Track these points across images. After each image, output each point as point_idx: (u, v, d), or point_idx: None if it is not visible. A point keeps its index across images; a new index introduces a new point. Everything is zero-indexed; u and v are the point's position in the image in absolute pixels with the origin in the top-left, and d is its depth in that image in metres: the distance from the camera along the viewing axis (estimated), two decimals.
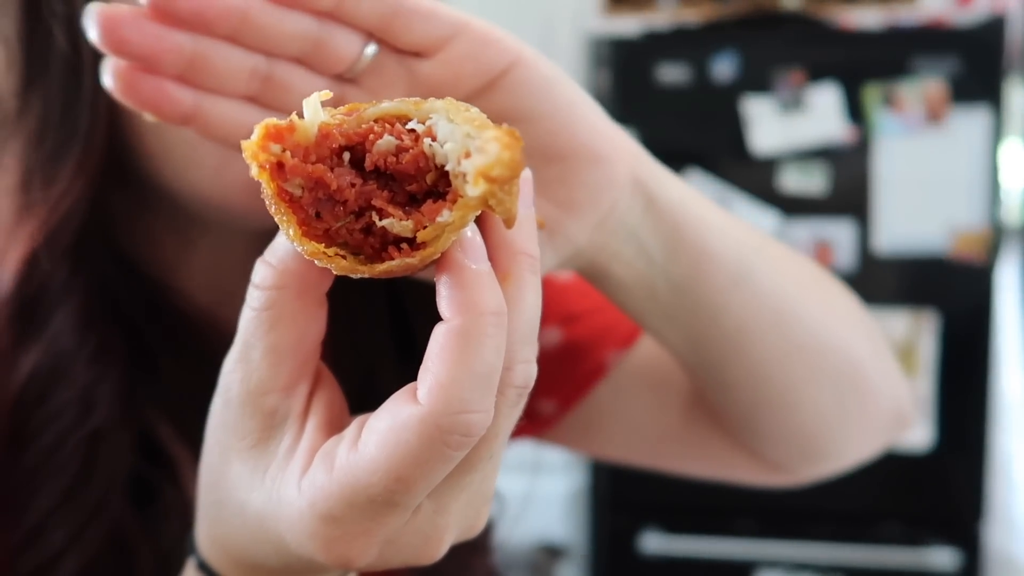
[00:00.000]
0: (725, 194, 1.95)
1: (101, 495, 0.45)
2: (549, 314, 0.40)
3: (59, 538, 0.43)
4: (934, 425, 1.93)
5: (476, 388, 0.30)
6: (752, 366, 0.50)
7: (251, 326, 0.34)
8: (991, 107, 1.87)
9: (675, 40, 2.00)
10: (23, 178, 0.42)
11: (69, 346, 0.44)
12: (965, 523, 1.96)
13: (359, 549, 0.33)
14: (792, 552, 1.98)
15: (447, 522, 0.35)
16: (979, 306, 1.91)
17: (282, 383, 0.34)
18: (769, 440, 0.56)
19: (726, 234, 0.47)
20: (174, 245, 0.51)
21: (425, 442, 0.30)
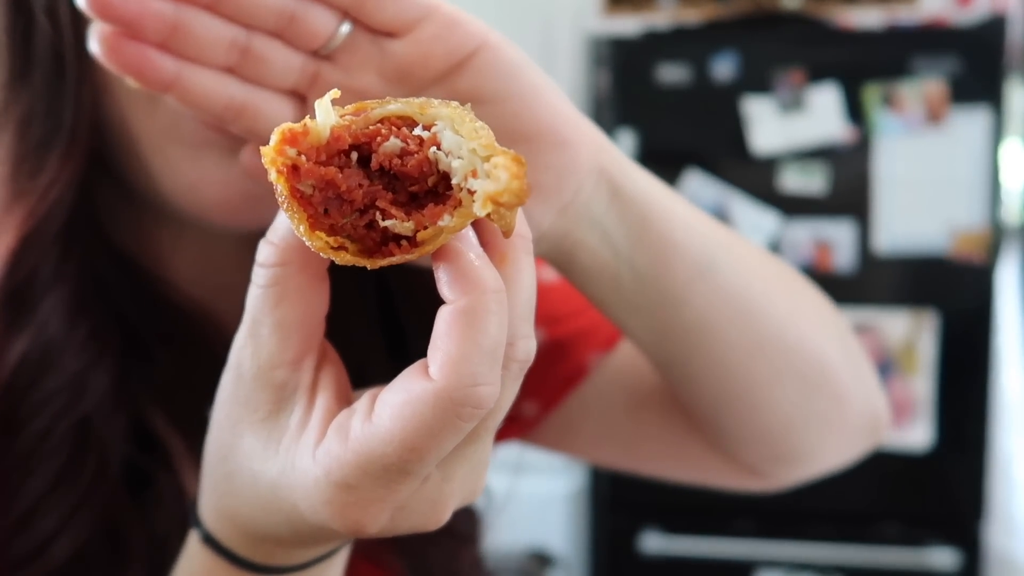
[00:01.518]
0: (725, 194, 1.95)
1: (92, 481, 0.45)
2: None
3: (50, 523, 0.44)
4: (934, 425, 1.93)
5: (484, 362, 0.32)
6: (715, 361, 0.50)
7: (258, 303, 0.35)
8: (991, 107, 1.87)
9: (675, 40, 2.00)
10: (11, 168, 0.42)
11: (59, 332, 0.44)
12: (965, 523, 1.96)
13: (372, 515, 0.34)
14: (792, 552, 1.98)
15: (452, 489, 0.37)
16: (979, 306, 1.91)
17: (290, 357, 0.36)
18: (737, 440, 0.56)
19: (691, 227, 0.48)
20: (163, 238, 0.51)
21: (439, 414, 0.32)
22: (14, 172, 0.43)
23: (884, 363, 1.93)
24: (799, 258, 1.94)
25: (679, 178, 1.96)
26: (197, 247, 0.52)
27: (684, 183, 1.96)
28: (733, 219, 1.95)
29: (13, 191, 0.42)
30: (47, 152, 0.42)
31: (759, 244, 0.52)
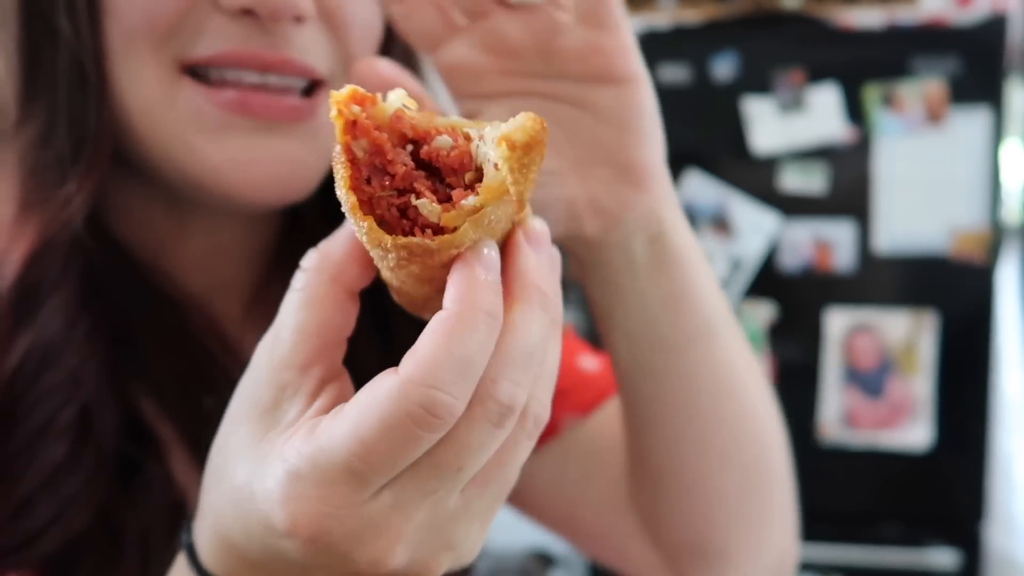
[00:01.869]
0: (725, 194, 1.95)
1: (90, 471, 0.45)
2: None
3: (45, 513, 0.43)
4: (934, 425, 1.93)
5: (452, 370, 0.31)
6: (681, 418, 0.52)
7: (287, 305, 0.36)
8: (991, 107, 1.87)
9: (675, 40, 1.99)
10: (31, 178, 0.42)
11: (60, 330, 0.44)
12: (965, 523, 1.96)
13: (309, 515, 0.33)
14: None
15: (401, 528, 0.34)
16: (979, 306, 1.91)
17: (300, 361, 0.35)
18: (669, 515, 0.56)
19: (708, 294, 0.50)
20: (168, 229, 0.51)
21: (392, 408, 0.31)
22: (35, 182, 0.42)
23: (884, 363, 1.94)
24: (799, 258, 1.94)
25: (679, 178, 1.96)
26: (202, 237, 0.51)
27: (684, 183, 1.96)
28: (733, 219, 1.95)
29: (33, 199, 0.42)
30: (73, 163, 0.42)
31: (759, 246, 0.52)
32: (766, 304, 1.96)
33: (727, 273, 1.96)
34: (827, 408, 1.96)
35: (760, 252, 1.95)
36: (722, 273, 1.96)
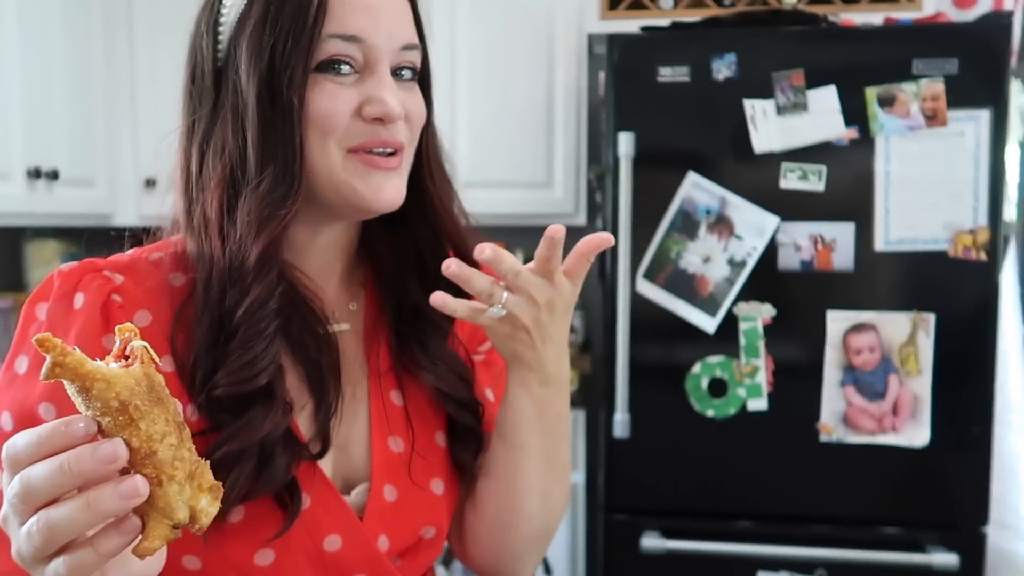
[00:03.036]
0: (725, 194, 1.95)
1: (272, 355, 0.72)
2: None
3: (264, 363, 0.71)
4: (934, 425, 1.93)
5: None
6: (522, 479, 0.83)
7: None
8: (991, 107, 1.87)
9: (675, 40, 2.00)
10: (262, 208, 0.71)
11: (271, 287, 0.72)
12: (966, 524, 1.96)
13: None
14: (793, 554, 1.98)
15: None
16: (979, 306, 1.91)
17: None
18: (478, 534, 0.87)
19: (564, 435, 0.83)
20: (305, 236, 0.78)
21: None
22: (267, 210, 0.71)
23: (884, 363, 1.94)
24: (799, 258, 1.94)
25: (679, 178, 1.96)
26: (324, 238, 0.80)
27: (684, 183, 1.96)
28: (733, 219, 1.95)
29: (265, 217, 0.71)
30: (285, 200, 0.71)
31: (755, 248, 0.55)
32: (766, 304, 1.96)
33: (727, 273, 1.96)
34: (827, 408, 1.96)
35: (760, 252, 1.95)
36: (722, 273, 1.96)
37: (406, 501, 0.78)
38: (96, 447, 0.47)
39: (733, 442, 1.99)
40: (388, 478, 0.78)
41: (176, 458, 0.50)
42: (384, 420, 0.80)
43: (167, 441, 0.49)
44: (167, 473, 0.49)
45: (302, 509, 0.72)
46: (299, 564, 0.73)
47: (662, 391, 2.01)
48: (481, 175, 2.57)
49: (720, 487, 2.02)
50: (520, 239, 2.83)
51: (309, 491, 0.73)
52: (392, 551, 0.77)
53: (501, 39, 2.56)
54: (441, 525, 0.81)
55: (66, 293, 0.71)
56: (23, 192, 2.13)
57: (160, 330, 0.72)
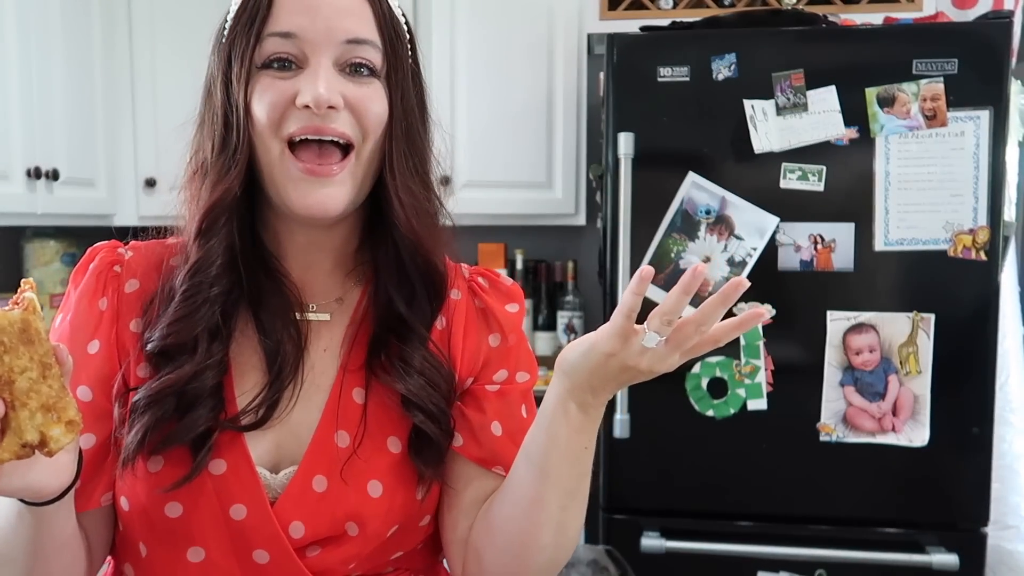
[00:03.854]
0: (725, 194, 1.95)
1: (211, 316, 0.80)
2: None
3: (199, 328, 0.80)
4: (933, 425, 1.93)
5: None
6: (537, 514, 0.80)
7: None
8: (991, 107, 1.87)
9: (675, 40, 1.99)
10: (214, 180, 0.79)
11: (217, 251, 0.80)
12: (966, 524, 1.96)
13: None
14: (792, 554, 1.98)
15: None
16: (979, 306, 1.91)
17: None
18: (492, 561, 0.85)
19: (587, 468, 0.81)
20: (283, 230, 0.84)
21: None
22: (215, 179, 0.79)
23: (884, 363, 1.94)
24: (799, 258, 1.94)
25: (679, 178, 1.96)
26: (301, 237, 0.84)
27: (684, 183, 1.96)
28: (733, 219, 1.95)
29: (214, 181, 0.79)
30: (228, 173, 0.79)
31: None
32: (766, 304, 1.96)
33: (727, 273, 1.96)
34: (827, 408, 1.96)
35: (760, 252, 1.95)
36: (722, 273, 1.96)
37: (334, 494, 0.79)
38: None
39: (733, 442, 1.99)
40: (321, 468, 0.80)
41: (32, 389, 0.61)
42: (336, 414, 0.81)
43: (27, 375, 0.61)
44: (20, 400, 0.61)
45: (216, 474, 0.77)
46: (204, 524, 0.77)
47: (662, 391, 2.01)
48: (481, 175, 2.57)
49: (720, 487, 2.02)
50: (520, 239, 2.83)
51: (226, 458, 0.78)
52: (307, 538, 0.78)
53: (501, 39, 2.56)
54: (368, 524, 0.80)
55: (86, 262, 0.85)
56: (23, 192, 2.13)
57: (139, 297, 0.82)
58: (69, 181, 2.29)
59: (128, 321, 0.82)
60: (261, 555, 0.78)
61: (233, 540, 0.78)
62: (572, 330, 2.73)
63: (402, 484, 0.82)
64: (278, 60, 0.77)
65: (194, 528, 0.78)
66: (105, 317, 0.82)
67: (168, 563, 0.79)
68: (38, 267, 2.51)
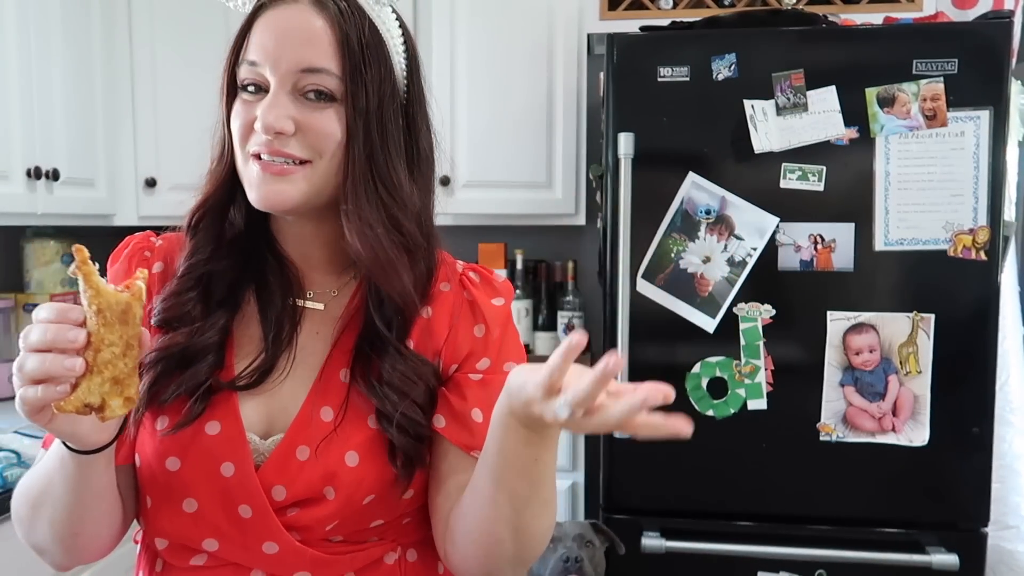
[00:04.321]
0: (725, 194, 1.95)
1: (202, 300, 0.91)
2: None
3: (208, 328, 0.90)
4: (933, 425, 1.93)
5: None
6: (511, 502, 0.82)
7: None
8: (991, 107, 1.87)
9: (675, 40, 2.00)
10: (205, 183, 0.92)
11: (204, 241, 0.92)
12: (966, 524, 1.96)
13: None
14: (792, 554, 1.98)
15: None
16: (979, 306, 1.91)
17: None
18: (465, 544, 0.88)
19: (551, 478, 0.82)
20: (280, 222, 0.94)
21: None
22: (208, 180, 0.91)
23: (884, 363, 1.94)
24: (799, 258, 1.94)
25: (679, 178, 1.96)
26: (294, 228, 0.94)
27: (684, 183, 1.96)
28: (733, 219, 1.95)
29: (204, 185, 0.91)
30: (214, 182, 0.91)
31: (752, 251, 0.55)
32: (766, 304, 1.96)
33: (727, 273, 1.96)
34: (827, 408, 1.96)
35: (760, 252, 1.95)
36: (722, 273, 1.96)
37: (314, 463, 0.86)
38: (69, 329, 0.70)
39: (733, 442, 1.99)
40: (304, 439, 0.87)
41: (110, 362, 0.70)
42: (323, 390, 0.89)
43: (111, 349, 0.70)
44: (98, 367, 0.70)
45: (211, 434, 0.86)
46: (198, 478, 0.86)
47: None
48: (481, 175, 2.57)
49: (720, 487, 2.02)
50: (520, 239, 2.83)
51: (221, 420, 0.87)
52: (288, 500, 0.86)
53: (501, 39, 2.56)
54: (342, 489, 0.86)
55: (121, 248, 0.96)
56: (23, 192, 2.13)
57: (163, 278, 0.94)
58: (69, 181, 2.29)
59: (153, 297, 0.93)
60: (245, 509, 0.86)
61: (221, 494, 0.86)
62: (572, 330, 2.74)
63: (378, 457, 0.87)
64: (250, 84, 0.86)
65: (188, 481, 0.86)
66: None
67: (167, 513, 0.87)
68: (38, 267, 2.51)
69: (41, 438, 1.44)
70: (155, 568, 0.92)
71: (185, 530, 0.87)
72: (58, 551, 0.87)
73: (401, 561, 0.93)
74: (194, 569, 0.89)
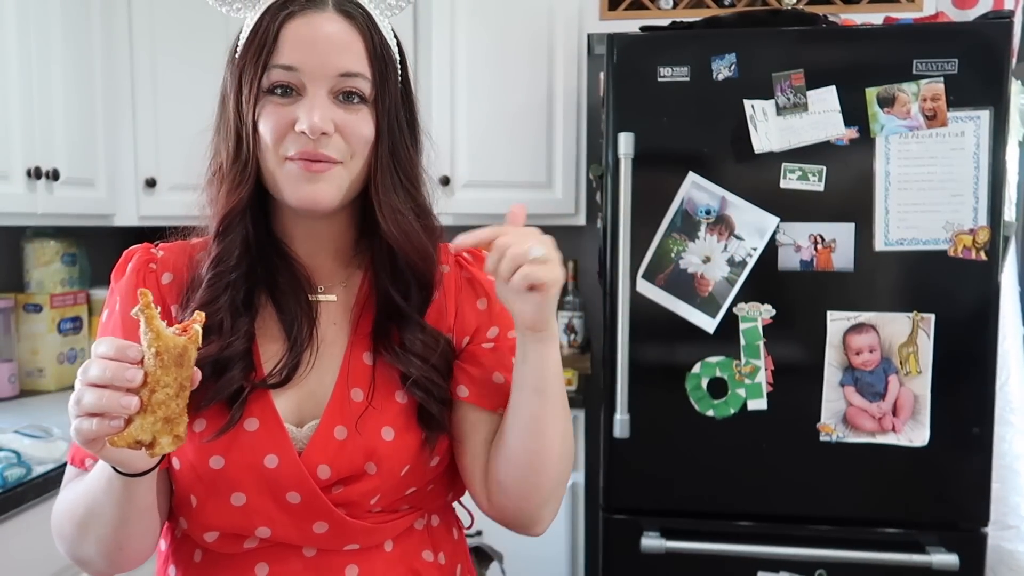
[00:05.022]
0: (725, 194, 1.95)
1: (232, 308, 0.94)
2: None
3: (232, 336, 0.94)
4: (933, 425, 1.93)
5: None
6: (538, 437, 0.95)
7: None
8: (991, 107, 1.87)
9: (675, 40, 1.99)
10: (229, 187, 0.92)
11: (233, 246, 0.94)
12: (966, 524, 1.96)
13: None
14: (792, 554, 1.98)
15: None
16: (979, 306, 1.91)
17: None
18: (508, 488, 0.98)
19: (559, 383, 0.95)
20: (290, 223, 0.98)
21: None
22: (230, 187, 0.92)
23: (884, 363, 1.94)
24: (799, 258, 1.94)
25: (679, 178, 1.96)
26: (305, 227, 0.98)
27: (684, 183, 1.96)
28: (733, 219, 1.95)
29: (228, 189, 0.92)
30: (241, 183, 0.92)
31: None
32: (766, 304, 1.96)
33: (727, 273, 1.96)
34: (827, 408, 1.96)
35: (760, 252, 1.95)
36: (722, 273, 1.96)
37: (352, 441, 0.93)
38: (127, 369, 0.73)
39: (733, 442, 1.99)
40: (340, 420, 0.94)
41: (164, 403, 0.74)
42: (350, 374, 0.96)
43: (166, 390, 0.74)
44: (152, 407, 0.73)
45: (251, 430, 0.91)
46: (243, 473, 0.91)
47: (662, 391, 2.01)
48: (481, 175, 2.57)
49: (720, 487, 2.02)
50: None
51: (259, 416, 0.92)
52: (332, 478, 0.93)
53: (501, 39, 2.56)
54: (383, 463, 0.94)
55: (124, 262, 0.99)
56: (23, 192, 2.13)
57: (175, 286, 0.97)
58: (69, 181, 2.29)
59: (169, 307, 0.97)
60: (293, 496, 0.91)
61: (268, 485, 0.91)
62: (572, 330, 2.74)
63: (410, 429, 0.95)
64: (280, 87, 0.90)
65: (234, 477, 0.90)
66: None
67: (215, 509, 0.92)
68: (38, 267, 2.51)
69: (41, 438, 1.45)
70: (193, 559, 0.97)
71: (236, 521, 0.92)
72: (104, 563, 0.91)
73: (428, 526, 1.02)
74: (246, 552, 0.94)
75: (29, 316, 2.45)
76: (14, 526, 1.59)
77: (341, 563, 0.95)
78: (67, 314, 2.51)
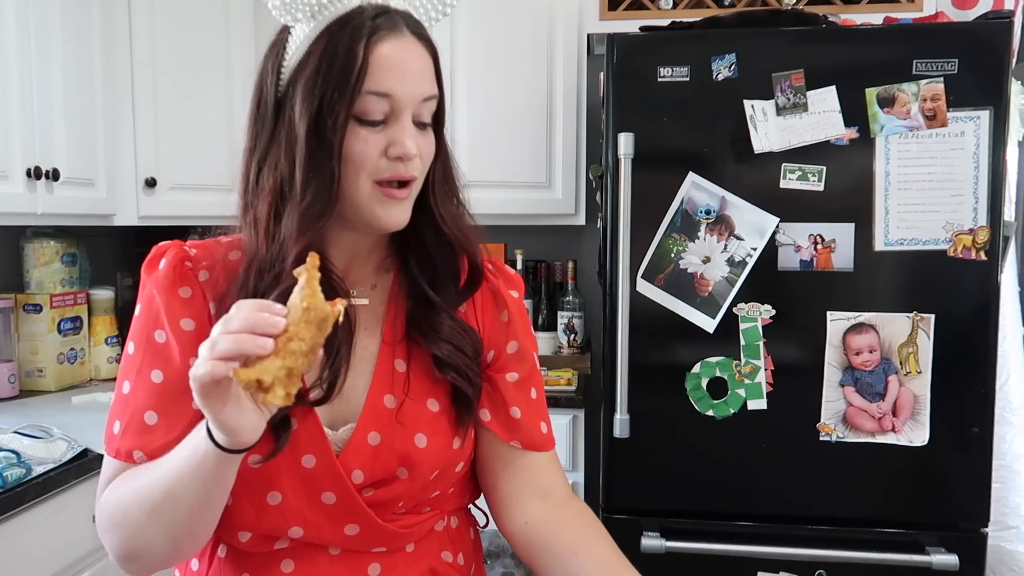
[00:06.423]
0: (725, 194, 1.95)
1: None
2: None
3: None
4: (933, 425, 1.93)
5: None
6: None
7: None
8: (991, 107, 1.87)
9: (675, 40, 2.00)
10: (303, 218, 0.90)
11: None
12: (966, 524, 1.96)
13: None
14: (791, 554, 1.98)
15: None
16: (979, 306, 1.91)
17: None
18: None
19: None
20: (334, 235, 0.96)
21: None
22: (307, 220, 0.90)
23: (884, 363, 1.94)
24: (799, 258, 1.94)
25: (679, 178, 1.96)
26: (345, 240, 0.98)
27: (684, 183, 1.96)
28: (733, 219, 1.95)
29: (305, 226, 0.90)
30: (323, 214, 0.90)
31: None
32: (766, 304, 1.96)
33: (727, 273, 1.96)
34: (827, 408, 1.96)
35: (760, 252, 1.95)
36: (722, 273, 1.96)
37: (386, 446, 0.95)
38: (271, 316, 0.76)
39: (733, 442, 1.99)
40: (374, 426, 0.96)
41: (294, 353, 0.76)
42: (383, 380, 0.98)
43: (300, 345, 0.76)
44: (282, 354, 0.75)
45: (290, 430, 0.92)
46: (280, 472, 0.92)
47: (662, 391, 2.01)
48: (481, 175, 2.57)
49: (720, 487, 2.02)
50: (520, 239, 2.83)
51: (298, 417, 0.93)
52: (366, 482, 0.95)
53: (501, 39, 2.56)
54: (415, 468, 0.96)
55: (156, 257, 0.98)
56: (23, 192, 2.13)
57: (212, 285, 0.96)
58: (69, 181, 2.29)
59: (208, 303, 0.96)
60: (328, 496, 0.93)
61: (304, 484, 0.93)
62: (572, 330, 2.73)
63: (441, 436, 0.98)
64: (372, 114, 0.91)
65: (271, 476, 0.92)
66: (192, 301, 0.96)
67: (251, 508, 0.93)
68: (38, 267, 2.51)
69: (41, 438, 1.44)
70: (217, 553, 0.99)
71: (270, 520, 0.93)
72: (167, 551, 0.90)
73: (447, 528, 1.05)
74: (276, 552, 0.96)
75: (29, 316, 2.45)
76: (14, 526, 1.59)
77: (365, 562, 0.97)
78: (67, 314, 2.51)
